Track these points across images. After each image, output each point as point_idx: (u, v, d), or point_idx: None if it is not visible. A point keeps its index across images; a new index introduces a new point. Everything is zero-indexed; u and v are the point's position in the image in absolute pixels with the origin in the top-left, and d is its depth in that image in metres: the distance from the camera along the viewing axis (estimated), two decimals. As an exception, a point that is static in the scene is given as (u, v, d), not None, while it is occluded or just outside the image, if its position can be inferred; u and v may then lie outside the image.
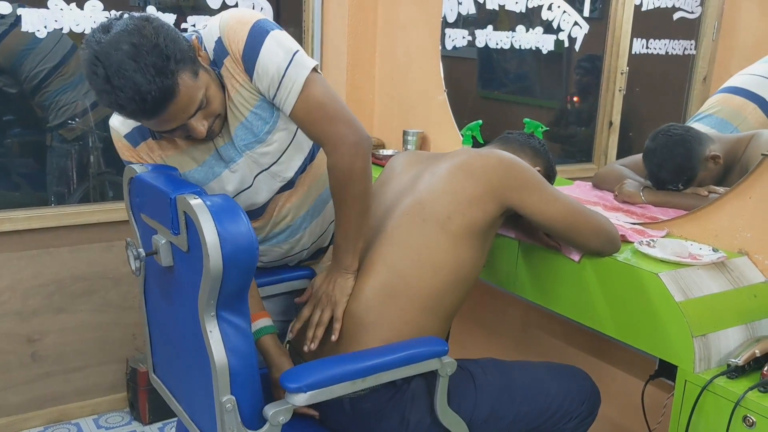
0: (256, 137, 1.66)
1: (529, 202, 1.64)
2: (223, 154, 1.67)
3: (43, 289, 2.67)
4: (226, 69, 1.60)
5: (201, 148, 1.67)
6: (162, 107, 1.43)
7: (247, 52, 1.56)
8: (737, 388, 1.47)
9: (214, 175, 1.69)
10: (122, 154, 1.72)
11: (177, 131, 1.54)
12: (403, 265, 1.62)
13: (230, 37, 1.57)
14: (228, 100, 1.62)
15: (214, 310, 1.34)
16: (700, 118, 2.27)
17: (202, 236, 1.29)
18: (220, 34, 1.58)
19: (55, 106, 2.64)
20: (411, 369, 1.51)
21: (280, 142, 1.69)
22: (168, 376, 1.69)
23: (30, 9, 2.44)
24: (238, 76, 1.60)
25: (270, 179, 1.73)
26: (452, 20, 2.83)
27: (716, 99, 2.28)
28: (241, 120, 1.64)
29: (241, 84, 1.60)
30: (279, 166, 1.72)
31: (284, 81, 1.57)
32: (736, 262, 1.74)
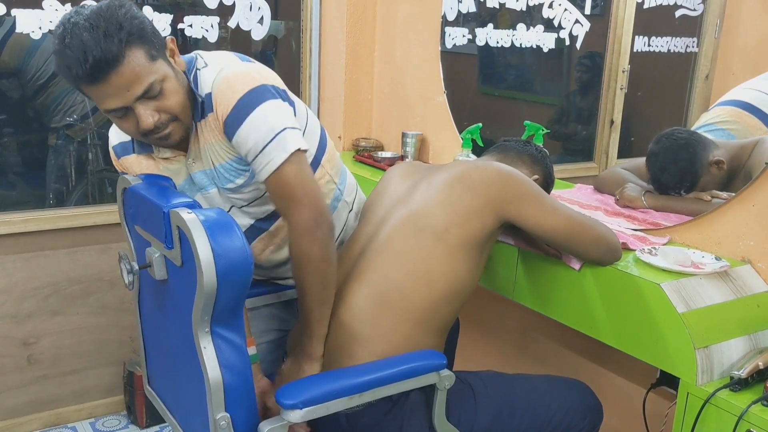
0: (228, 183, 1.65)
1: (527, 215, 1.62)
2: (197, 180, 1.66)
3: (39, 292, 2.65)
4: (208, 122, 1.58)
5: (176, 170, 1.65)
6: (103, 72, 1.40)
7: (230, 122, 1.54)
8: (740, 401, 1.46)
9: (190, 195, 1.66)
10: (113, 161, 1.74)
11: (128, 118, 1.50)
12: (398, 276, 1.60)
13: (218, 100, 1.55)
14: (206, 143, 1.60)
15: (208, 326, 1.32)
16: (711, 129, 2.21)
17: (196, 252, 1.26)
18: (211, 90, 1.56)
19: (60, 107, 2.62)
20: (409, 383, 1.49)
21: (253, 193, 1.68)
22: (162, 388, 1.67)
23: (24, 10, 2.41)
24: (219, 134, 1.58)
25: (242, 215, 1.72)
26: (452, 18, 2.81)
27: (727, 112, 2.21)
28: (215, 164, 1.63)
29: (219, 140, 1.59)
30: (252, 208, 1.71)
31: (260, 157, 1.54)
32: (739, 270, 1.72)
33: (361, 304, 1.60)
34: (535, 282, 1.88)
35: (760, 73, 2.22)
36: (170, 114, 1.52)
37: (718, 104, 2.24)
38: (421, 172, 1.78)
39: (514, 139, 1.94)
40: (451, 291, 1.62)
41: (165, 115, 1.51)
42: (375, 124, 3.04)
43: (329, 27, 2.96)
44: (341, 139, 3.01)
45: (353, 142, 2.98)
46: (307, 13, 2.93)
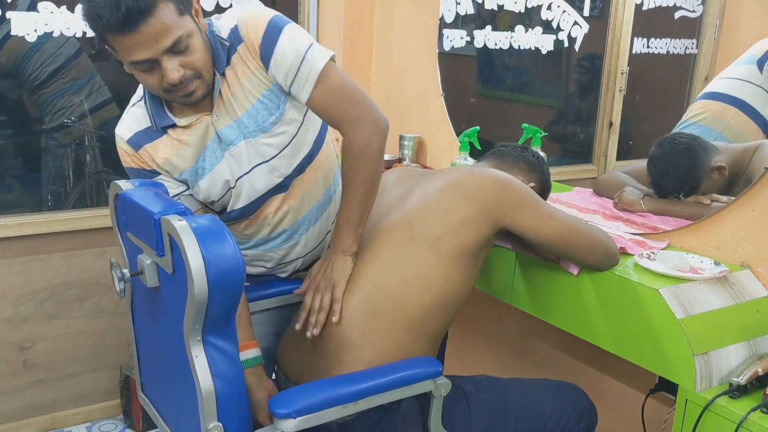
0: (260, 126, 1.66)
1: (523, 222, 1.61)
2: (224, 136, 1.66)
3: (35, 296, 2.64)
4: (238, 56, 1.62)
5: (201, 134, 1.66)
6: (135, 22, 1.42)
7: (266, 41, 1.59)
8: (739, 408, 1.45)
9: (217, 161, 1.68)
10: (124, 161, 1.71)
11: (153, 72, 1.51)
12: (388, 283, 1.59)
13: (249, 26, 1.60)
14: (237, 86, 1.63)
15: (200, 334, 1.31)
16: (685, 126, 2.25)
17: (186, 260, 1.25)
18: (236, 22, 1.61)
19: (52, 109, 2.61)
20: (404, 391, 1.47)
21: (283, 137, 1.69)
22: (155, 396, 1.65)
23: (20, 12, 2.39)
24: (251, 63, 1.62)
25: (268, 173, 1.71)
26: (450, 20, 2.79)
27: (698, 106, 2.26)
28: (247, 107, 1.65)
29: (252, 71, 1.62)
30: (279, 160, 1.70)
31: (302, 67, 1.59)
32: (738, 276, 1.71)
33: (351, 310, 1.58)
34: (533, 287, 1.87)
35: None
36: (195, 70, 1.54)
37: (693, 102, 2.28)
38: (416, 177, 1.77)
39: (510, 145, 1.92)
40: (443, 299, 1.60)
41: (189, 71, 1.53)
42: (372, 126, 3.02)
43: (326, 29, 2.95)
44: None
45: (351, 145, 2.96)
46: (304, 15, 2.92)
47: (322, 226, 1.87)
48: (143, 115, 1.67)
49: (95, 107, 2.67)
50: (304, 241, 1.84)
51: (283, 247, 1.83)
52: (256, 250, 1.83)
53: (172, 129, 1.66)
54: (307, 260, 1.91)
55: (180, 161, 1.68)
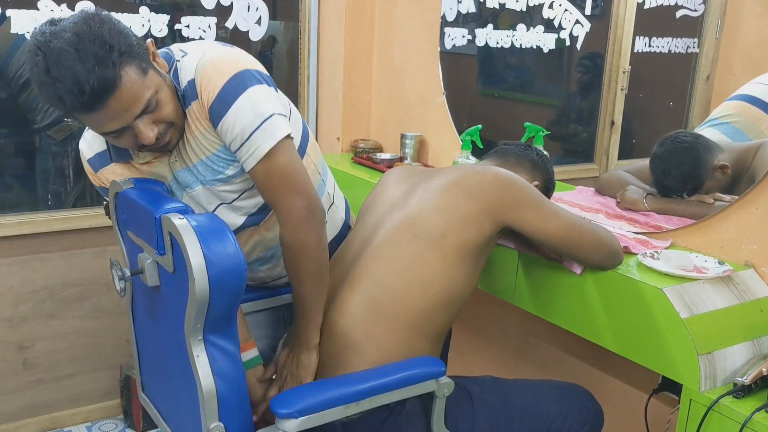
0: (217, 177, 1.59)
1: (527, 220, 1.60)
2: (180, 179, 1.61)
3: (35, 296, 2.63)
4: (192, 110, 1.53)
5: (159, 172, 1.61)
6: (101, 101, 1.34)
7: (216, 106, 1.48)
8: (744, 408, 1.44)
9: (179, 197, 1.63)
10: (90, 177, 1.67)
11: (125, 135, 1.44)
12: (391, 281, 1.58)
13: (203, 84, 1.49)
14: (190, 136, 1.55)
15: (201, 333, 1.30)
16: (715, 124, 2.20)
17: (188, 258, 1.24)
18: (194, 76, 1.50)
19: (43, 107, 2.59)
20: (407, 391, 1.46)
21: (244, 183, 1.62)
22: (156, 395, 1.64)
23: (19, 10, 2.38)
24: (204, 121, 1.53)
25: (231, 212, 1.65)
26: (452, 19, 2.79)
27: (731, 106, 2.20)
28: (201, 158, 1.57)
29: (205, 128, 1.54)
30: (242, 201, 1.65)
31: (247, 144, 1.48)
32: (742, 275, 1.70)
33: (354, 310, 1.57)
34: (536, 286, 1.86)
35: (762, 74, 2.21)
36: (167, 122, 1.48)
37: (726, 100, 2.22)
38: (419, 176, 1.76)
39: (514, 143, 1.91)
40: (446, 298, 1.60)
41: (162, 125, 1.47)
42: (374, 125, 3.02)
43: (327, 27, 2.93)
44: (340, 141, 2.98)
45: (352, 144, 2.95)
46: (305, 14, 2.91)
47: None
48: (101, 140, 1.60)
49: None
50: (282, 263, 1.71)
51: (261, 269, 1.79)
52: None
53: (125, 162, 1.61)
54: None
55: None
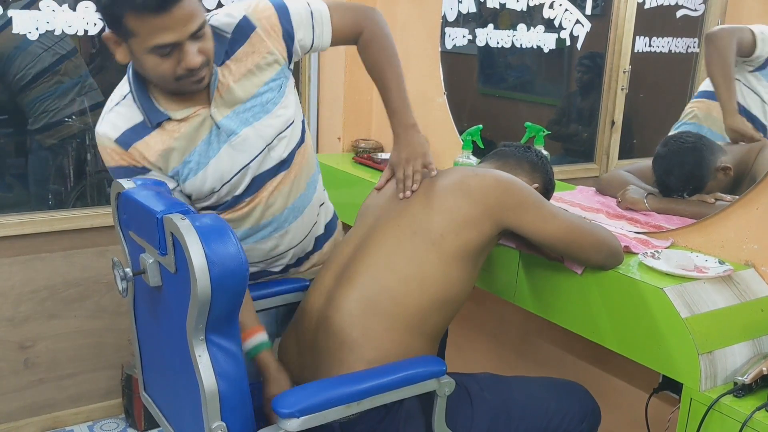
0: (264, 108, 1.71)
1: (527, 222, 1.60)
2: (224, 127, 1.67)
3: (36, 295, 2.63)
4: (250, 44, 1.68)
5: (196, 128, 1.66)
6: (169, 3, 1.43)
7: (282, 16, 1.71)
8: (744, 407, 1.45)
9: (213, 154, 1.67)
10: (111, 160, 1.65)
11: (172, 56, 1.51)
12: (389, 280, 1.58)
13: (258, 12, 1.69)
14: (240, 76, 1.68)
15: (203, 333, 1.30)
16: (680, 126, 2.30)
17: (189, 259, 1.24)
18: (244, 13, 1.68)
19: (35, 111, 2.59)
20: (408, 390, 1.46)
21: (284, 118, 1.74)
22: (158, 395, 1.65)
23: (21, 10, 2.39)
24: (267, 45, 1.69)
25: (265, 157, 1.73)
26: (452, 19, 2.79)
27: (691, 105, 2.32)
28: (252, 93, 1.69)
29: (267, 53, 1.69)
30: (279, 141, 1.74)
31: (315, 18, 1.76)
32: (743, 274, 1.70)
33: (351, 307, 1.57)
34: (537, 285, 1.87)
35: (762, 74, 2.21)
36: (207, 57, 1.56)
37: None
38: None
39: (513, 145, 1.91)
40: (443, 297, 1.60)
41: (204, 58, 1.55)
42: (374, 125, 3.02)
43: (328, 27, 2.93)
44: (341, 140, 2.98)
45: (352, 143, 2.95)
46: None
47: (308, 217, 1.87)
48: (131, 112, 1.63)
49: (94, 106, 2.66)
50: (292, 231, 1.83)
51: (273, 236, 1.81)
52: (245, 244, 1.79)
53: (167, 122, 1.63)
54: (297, 252, 1.90)
55: (174, 155, 1.65)
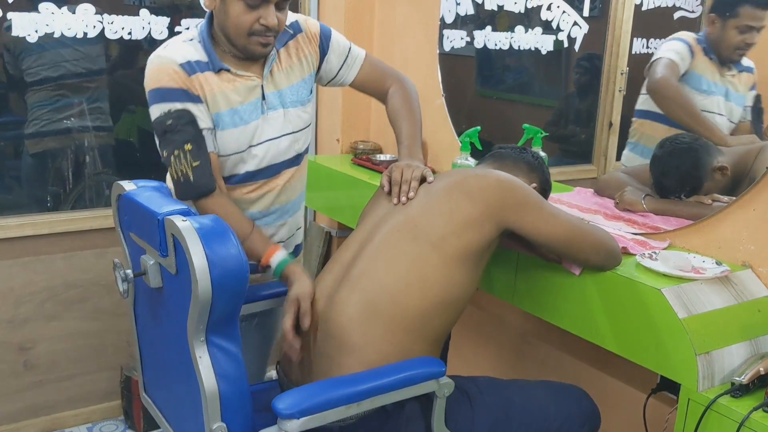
0: (299, 99, 1.92)
1: (527, 222, 1.61)
2: (268, 100, 1.86)
3: (35, 297, 2.64)
4: (296, 41, 1.92)
5: (250, 88, 1.83)
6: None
7: (323, 33, 1.98)
8: (741, 407, 1.45)
9: (252, 118, 1.83)
10: (167, 79, 1.73)
11: (257, 10, 1.70)
12: (390, 282, 1.59)
13: (308, 22, 1.96)
14: (289, 64, 1.90)
15: (203, 335, 1.31)
16: (629, 149, 2.41)
17: (190, 260, 1.25)
18: (296, 19, 1.94)
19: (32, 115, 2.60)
20: (407, 391, 1.47)
21: (307, 116, 1.97)
22: (158, 396, 1.65)
23: (20, 13, 2.39)
24: (307, 47, 1.94)
25: (293, 143, 1.92)
26: (450, 21, 2.80)
27: (633, 127, 2.43)
28: (293, 82, 1.90)
29: (304, 55, 1.93)
30: (301, 134, 1.94)
31: (349, 56, 2.03)
32: (740, 275, 1.71)
33: (352, 310, 1.58)
34: (535, 287, 1.87)
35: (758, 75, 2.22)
36: (280, 30, 1.78)
37: None
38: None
39: (509, 146, 1.92)
40: (444, 300, 1.60)
41: (278, 27, 1.75)
42: (373, 126, 3.03)
43: (327, 30, 2.94)
44: (339, 142, 2.99)
45: (351, 145, 2.96)
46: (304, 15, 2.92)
47: (299, 217, 2.05)
48: (197, 52, 1.78)
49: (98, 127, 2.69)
50: (288, 225, 2.01)
51: (274, 225, 1.96)
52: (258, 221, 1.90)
53: (226, 72, 1.79)
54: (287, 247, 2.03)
55: (223, 102, 1.79)
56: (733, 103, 2.21)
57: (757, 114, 2.16)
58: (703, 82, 2.22)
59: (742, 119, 2.18)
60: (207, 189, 1.71)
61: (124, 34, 2.56)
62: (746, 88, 2.20)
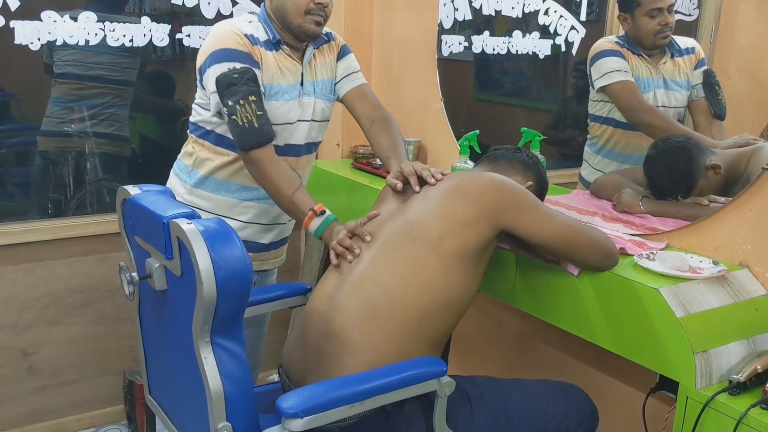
0: (326, 95, 2.17)
1: (524, 223, 1.63)
2: (306, 86, 2.10)
3: (39, 302, 2.65)
4: (329, 46, 2.19)
5: (292, 70, 2.07)
6: None
7: (344, 49, 2.24)
8: (739, 405, 1.47)
9: (291, 98, 2.05)
10: (234, 43, 1.95)
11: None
12: (390, 283, 1.61)
13: (338, 36, 2.24)
14: (321, 60, 2.15)
15: (208, 336, 1.33)
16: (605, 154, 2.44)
17: (195, 262, 1.27)
18: (331, 30, 2.22)
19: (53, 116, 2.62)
20: (409, 390, 1.49)
21: (329, 112, 2.21)
22: (163, 398, 1.67)
23: (23, 21, 2.41)
24: (331, 54, 2.19)
25: (315, 130, 2.16)
26: (448, 26, 2.82)
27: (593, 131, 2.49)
28: (324, 77, 2.15)
29: (329, 59, 2.18)
30: (322, 124, 2.19)
31: (355, 74, 2.24)
32: (737, 275, 1.73)
33: (352, 309, 1.60)
34: (534, 288, 1.89)
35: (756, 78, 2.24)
36: (328, 14, 2.04)
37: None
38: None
39: (504, 147, 1.94)
40: (444, 301, 1.62)
41: (327, 9, 2.02)
42: (373, 131, 3.04)
43: (326, 35, 2.96)
44: (339, 147, 3.01)
45: (351, 149, 2.98)
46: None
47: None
48: (258, 31, 2.02)
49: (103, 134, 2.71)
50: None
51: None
52: (264, 204, 2.12)
53: (280, 52, 2.04)
54: (282, 231, 2.26)
55: (276, 74, 2.02)
56: (676, 90, 2.25)
57: (710, 88, 2.21)
58: (641, 81, 2.26)
59: (694, 98, 2.23)
60: (268, 137, 1.92)
61: (126, 42, 2.58)
62: (689, 70, 2.25)
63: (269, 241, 2.22)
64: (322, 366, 1.61)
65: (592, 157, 2.46)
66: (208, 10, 2.70)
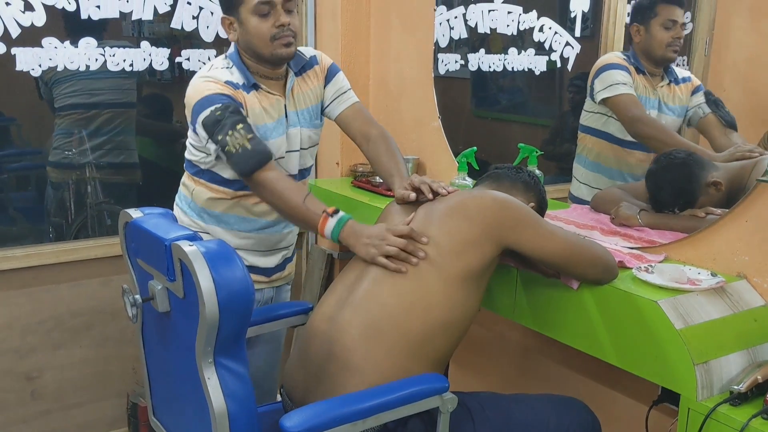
0: (311, 123, 2.16)
1: (526, 240, 1.64)
2: (290, 118, 2.09)
3: (42, 326, 2.65)
4: (313, 71, 2.17)
5: (275, 106, 2.06)
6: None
7: (331, 70, 2.21)
8: (740, 415, 1.47)
9: (278, 134, 2.05)
10: (216, 90, 1.94)
11: (268, 17, 1.93)
12: (393, 304, 1.62)
13: (323, 57, 2.22)
14: (306, 89, 2.14)
15: (211, 356, 1.34)
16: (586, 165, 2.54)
17: (197, 283, 1.28)
18: (315, 54, 2.21)
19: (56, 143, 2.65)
20: (412, 408, 1.49)
21: (316, 139, 2.21)
22: (167, 419, 1.68)
23: (24, 48, 2.43)
24: (318, 80, 2.17)
25: (302, 158, 2.16)
26: (444, 45, 2.85)
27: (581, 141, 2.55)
28: (307, 106, 2.14)
29: (315, 85, 2.16)
30: (310, 150, 2.19)
31: (345, 94, 2.22)
32: (735, 286, 1.73)
33: (354, 332, 1.60)
34: (535, 302, 1.90)
35: (750, 89, 2.27)
36: (295, 31, 1.99)
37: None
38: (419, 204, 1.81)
39: (506, 166, 1.96)
40: (446, 321, 1.63)
41: (292, 27, 1.97)
42: (371, 149, 3.06)
43: (323, 56, 2.99)
44: (339, 165, 3.03)
45: (351, 168, 3.00)
46: (301, 43, 2.96)
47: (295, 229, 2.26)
48: (236, 75, 2.01)
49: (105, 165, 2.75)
50: (293, 233, 2.25)
51: (282, 232, 2.18)
52: (262, 233, 2.13)
53: (257, 91, 2.02)
54: (285, 255, 2.25)
55: (260, 115, 2.01)
56: (668, 114, 2.30)
57: (714, 104, 2.27)
58: (639, 99, 2.30)
59: (702, 116, 2.31)
60: (266, 155, 1.90)
61: (126, 66, 2.61)
62: (686, 96, 2.32)
63: (274, 265, 2.21)
64: (324, 386, 1.61)
65: (578, 170, 2.52)
66: (207, 33, 2.73)
